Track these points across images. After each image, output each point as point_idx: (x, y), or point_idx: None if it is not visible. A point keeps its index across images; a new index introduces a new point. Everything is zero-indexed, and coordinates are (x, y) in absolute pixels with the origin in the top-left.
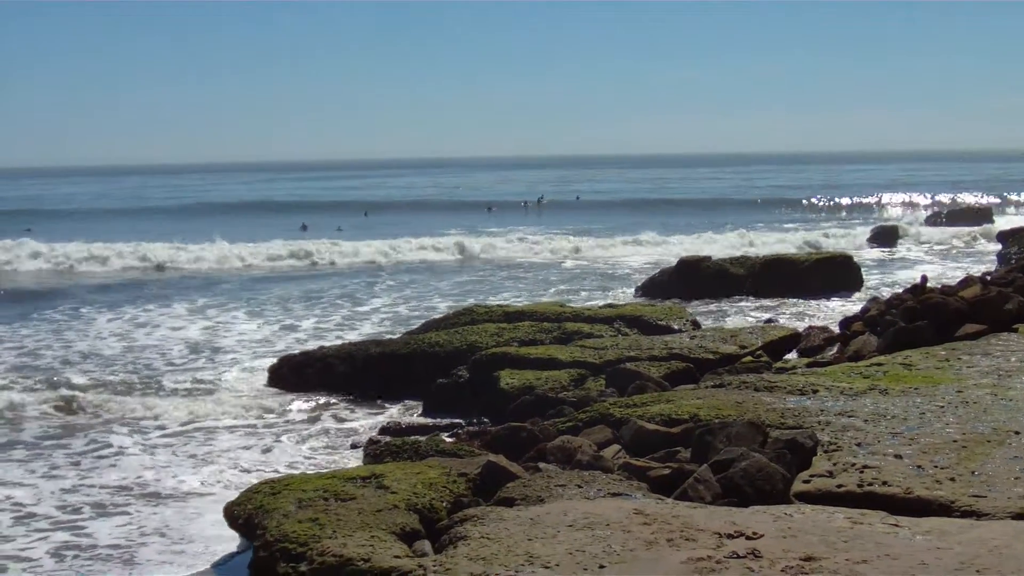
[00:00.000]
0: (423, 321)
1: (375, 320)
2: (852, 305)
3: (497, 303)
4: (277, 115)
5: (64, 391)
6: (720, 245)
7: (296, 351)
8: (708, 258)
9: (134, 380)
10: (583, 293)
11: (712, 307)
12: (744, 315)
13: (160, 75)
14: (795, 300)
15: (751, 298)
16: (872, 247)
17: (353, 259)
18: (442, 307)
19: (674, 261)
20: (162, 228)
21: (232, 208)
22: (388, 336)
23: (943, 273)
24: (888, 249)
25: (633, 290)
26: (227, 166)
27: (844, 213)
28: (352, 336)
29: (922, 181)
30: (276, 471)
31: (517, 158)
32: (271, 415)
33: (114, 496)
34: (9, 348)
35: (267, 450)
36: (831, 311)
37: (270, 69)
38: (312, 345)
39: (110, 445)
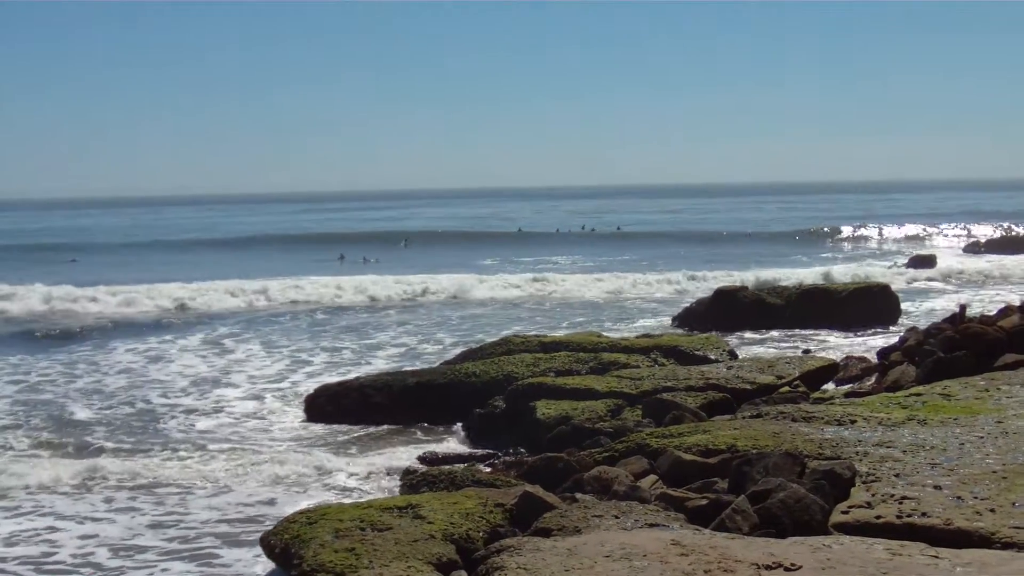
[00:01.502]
0: (436, 354)
1: (383, 355)
2: (890, 335)
3: (534, 333)
4: (308, 145)
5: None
6: (758, 277)
7: (333, 381)
8: (745, 288)
9: (164, 423)
10: (618, 323)
11: (749, 337)
12: (781, 345)
13: (184, 103)
14: (833, 330)
15: (788, 328)
16: (910, 276)
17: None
18: (448, 341)
19: (711, 292)
20: (203, 261)
21: (269, 241)
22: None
23: (982, 303)
24: (926, 278)
25: (670, 320)
26: (256, 197)
27: (881, 242)
28: (365, 370)
29: (960, 210)
30: (312, 501)
31: (551, 188)
32: (309, 446)
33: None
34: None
35: (304, 479)
36: (869, 341)
37: (297, 96)
38: (322, 380)
39: (170, 483)
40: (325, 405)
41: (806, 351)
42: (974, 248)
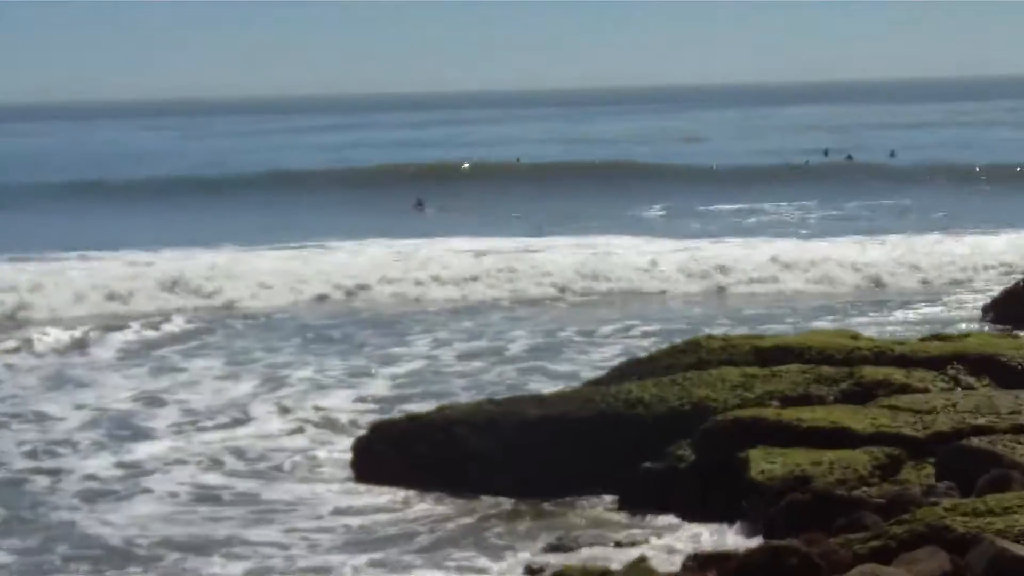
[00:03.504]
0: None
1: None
2: None
3: (741, 333)
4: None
5: None
6: None
7: (397, 414)
8: None
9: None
10: (883, 317)
11: None
12: None
13: None
14: None
15: None
16: None
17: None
18: (515, 348)
19: None
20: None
21: (301, 179)
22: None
23: None
24: None
25: (979, 311)
26: (260, 102)
27: None
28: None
29: None
30: None
31: (761, 85)
32: (366, 527)
33: None
34: None
35: None
36: None
37: None
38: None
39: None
40: (385, 455)
41: None
42: None
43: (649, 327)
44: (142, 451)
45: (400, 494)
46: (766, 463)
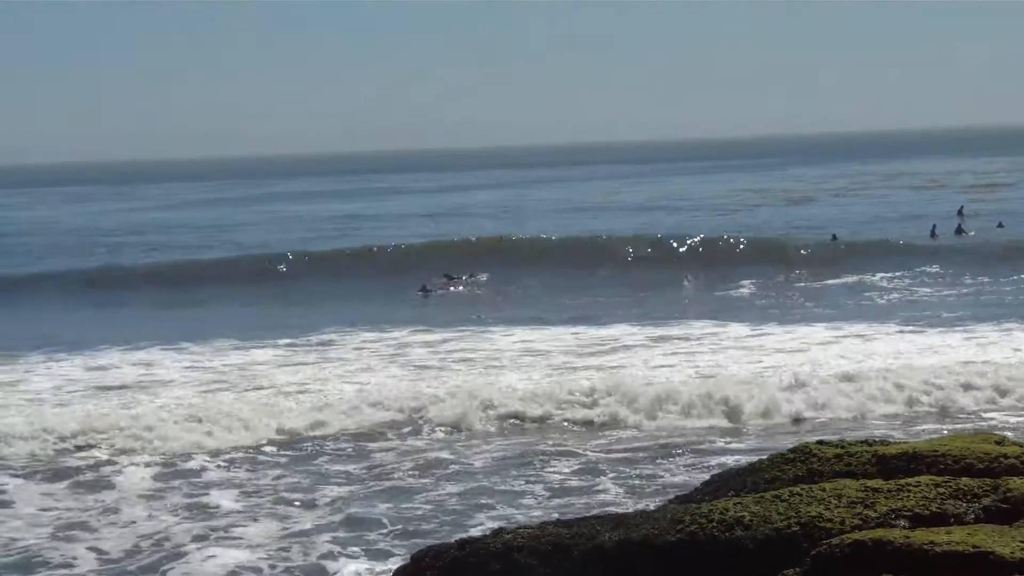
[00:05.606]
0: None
1: None
2: None
3: (859, 437)
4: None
5: None
6: None
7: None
8: None
9: None
10: None
11: None
12: None
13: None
14: None
15: None
16: None
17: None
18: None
19: None
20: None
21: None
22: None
23: None
24: None
25: None
26: (249, 163)
27: None
28: None
29: None
30: None
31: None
32: None
33: None
34: None
35: None
36: None
37: None
38: None
39: None
40: None
41: None
42: None
43: None
44: None
45: None
46: None
